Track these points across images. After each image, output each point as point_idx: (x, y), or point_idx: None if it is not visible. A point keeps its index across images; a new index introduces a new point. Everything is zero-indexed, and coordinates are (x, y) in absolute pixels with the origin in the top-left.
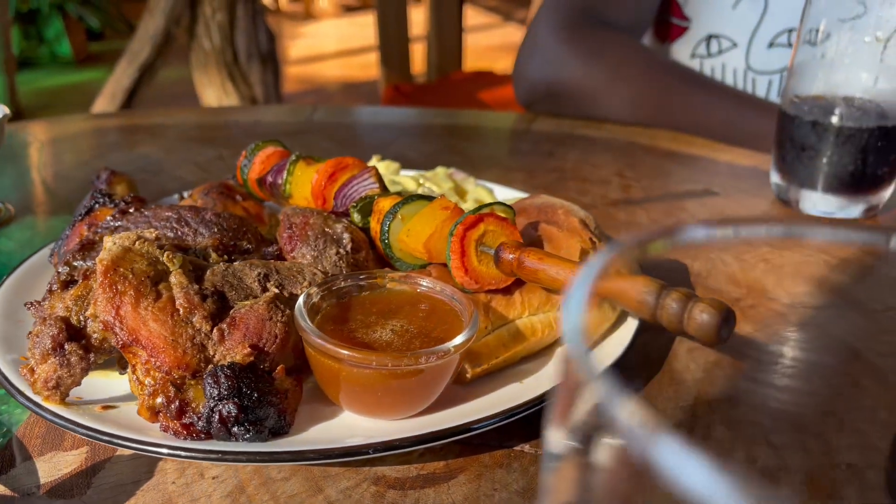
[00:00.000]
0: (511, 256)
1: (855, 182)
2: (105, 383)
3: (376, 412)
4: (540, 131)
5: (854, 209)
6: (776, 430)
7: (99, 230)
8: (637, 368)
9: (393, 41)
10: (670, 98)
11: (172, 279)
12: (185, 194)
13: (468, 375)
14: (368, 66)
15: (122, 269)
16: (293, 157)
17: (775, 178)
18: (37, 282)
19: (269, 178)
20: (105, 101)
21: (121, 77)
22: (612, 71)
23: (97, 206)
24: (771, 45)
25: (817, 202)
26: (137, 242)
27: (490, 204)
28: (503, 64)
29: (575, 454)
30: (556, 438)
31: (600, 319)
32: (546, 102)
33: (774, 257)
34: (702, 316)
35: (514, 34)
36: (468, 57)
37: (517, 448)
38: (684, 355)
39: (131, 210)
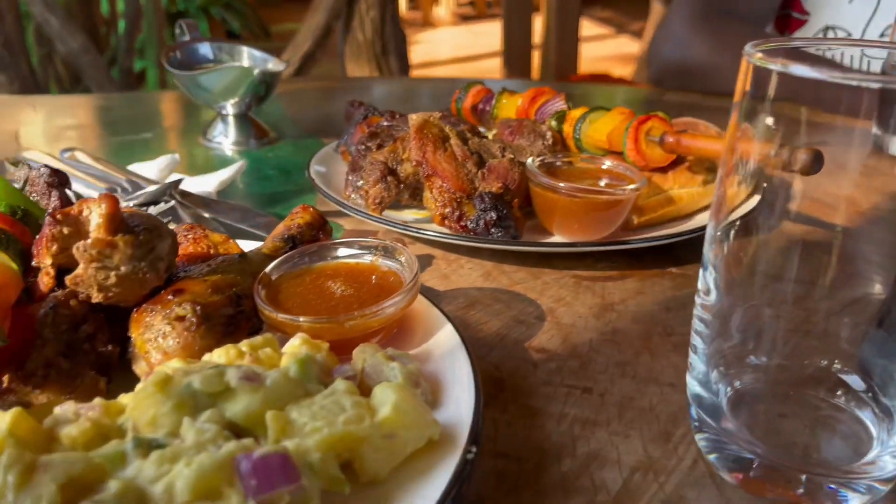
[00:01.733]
0: (672, 139)
1: None
2: (397, 214)
3: (578, 234)
4: (669, 101)
5: None
6: None
7: (378, 127)
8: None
9: (516, 46)
10: None
11: (452, 140)
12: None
13: (635, 222)
14: (483, 73)
15: (425, 130)
16: (500, 90)
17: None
18: (328, 164)
19: (480, 106)
20: None
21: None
22: (735, 53)
23: (370, 114)
24: (882, 35)
25: None
26: (431, 118)
27: (655, 111)
28: (616, 73)
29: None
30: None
31: (706, 193)
32: (676, 79)
33: None
34: (802, 157)
35: (626, 45)
36: (582, 66)
37: (668, 269)
38: None
39: (396, 116)
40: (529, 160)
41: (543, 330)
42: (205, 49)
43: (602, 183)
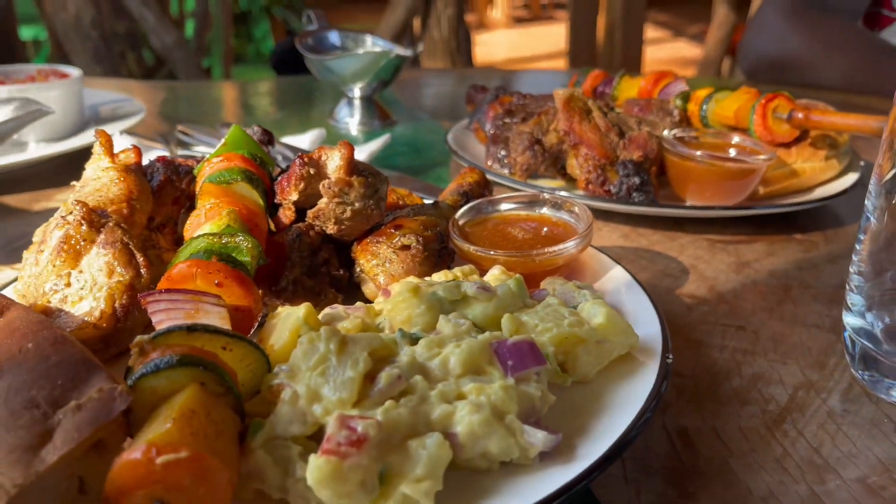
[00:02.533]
0: (801, 115)
1: None
2: (538, 184)
3: (711, 200)
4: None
5: None
6: None
7: (511, 105)
8: None
9: (582, 47)
10: (881, 70)
11: (594, 113)
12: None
13: (760, 192)
14: None
15: (571, 104)
16: (620, 73)
17: None
18: (460, 140)
19: (600, 88)
20: None
21: None
22: (829, 46)
23: (500, 94)
24: None
25: None
26: (575, 92)
27: (781, 90)
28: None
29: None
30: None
31: (827, 168)
32: (769, 71)
33: None
34: None
35: (684, 49)
36: (645, 68)
37: (793, 236)
38: None
39: (526, 96)
40: (665, 132)
41: (689, 281)
42: (333, 37)
43: (732, 154)
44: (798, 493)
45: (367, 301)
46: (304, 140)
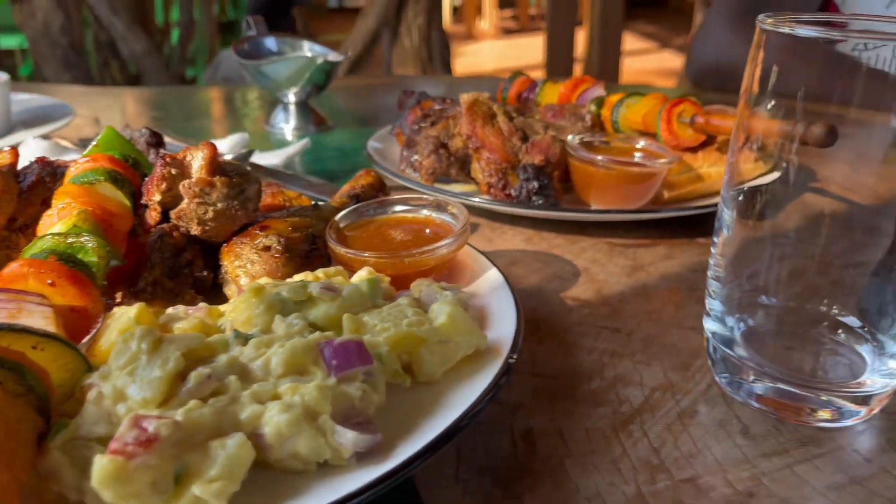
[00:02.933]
0: (702, 119)
1: None
2: (446, 188)
3: (613, 204)
4: (707, 100)
5: None
6: None
7: (430, 110)
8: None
9: (559, 58)
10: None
11: (499, 117)
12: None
13: (665, 197)
14: None
15: (475, 108)
16: (543, 80)
17: None
18: (384, 144)
19: (525, 94)
20: None
21: None
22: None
23: (423, 99)
24: None
25: None
26: (480, 96)
27: (688, 95)
28: (660, 84)
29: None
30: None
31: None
32: (714, 79)
33: None
34: (816, 130)
35: (669, 60)
36: (623, 79)
37: (696, 239)
38: None
39: (447, 101)
40: (570, 137)
41: (578, 284)
42: (269, 42)
43: (636, 158)
44: (625, 493)
45: None
46: (223, 144)
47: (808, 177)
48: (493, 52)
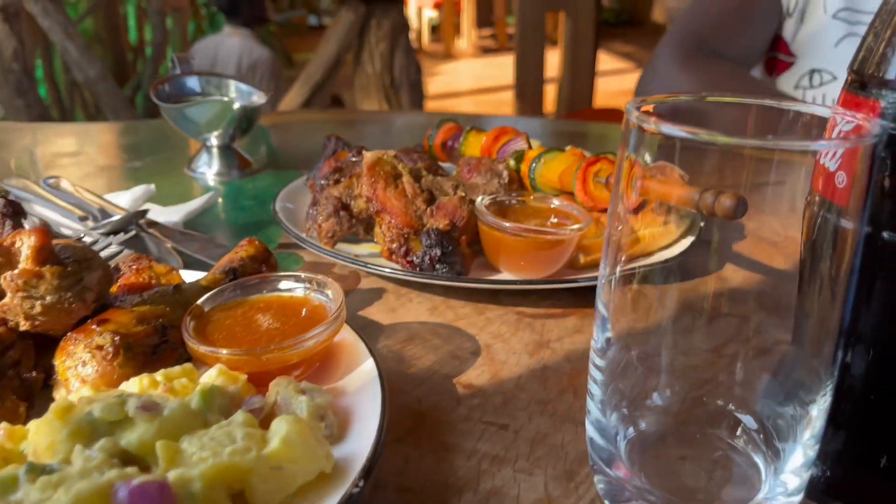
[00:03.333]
0: None
1: None
2: (353, 248)
3: (523, 271)
4: None
5: None
6: None
7: (343, 163)
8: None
9: (529, 80)
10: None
11: (404, 178)
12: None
13: (581, 261)
14: (501, 105)
15: (377, 168)
16: (467, 129)
17: None
18: (297, 196)
19: (449, 143)
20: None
21: (295, 95)
22: (721, 93)
23: (339, 149)
24: None
25: None
26: (385, 155)
27: (605, 152)
28: None
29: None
30: None
31: (667, 232)
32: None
33: None
34: (726, 202)
35: None
36: (598, 99)
37: None
38: None
39: (363, 151)
40: (479, 199)
41: (475, 366)
42: (192, 82)
43: (551, 222)
44: None
45: None
46: (123, 198)
47: (705, 252)
48: (471, 71)
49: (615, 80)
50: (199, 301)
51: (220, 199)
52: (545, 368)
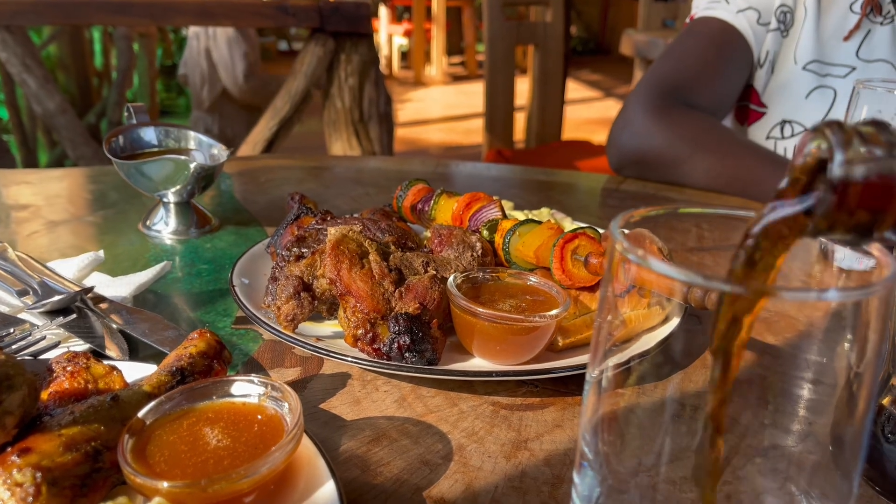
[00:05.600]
0: (597, 261)
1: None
2: (316, 327)
3: (498, 358)
4: (627, 191)
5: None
6: None
7: (307, 230)
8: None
9: (499, 109)
10: (743, 171)
11: (371, 257)
12: (356, 214)
13: (560, 344)
14: (471, 132)
15: (341, 247)
16: (438, 191)
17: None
18: (257, 264)
19: (419, 206)
20: (247, 149)
21: (263, 129)
22: (692, 144)
23: (302, 214)
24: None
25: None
26: (350, 232)
27: (584, 227)
28: (601, 136)
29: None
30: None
31: (651, 315)
32: (634, 168)
33: None
34: (699, 293)
35: (613, 108)
36: (567, 128)
37: None
38: None
39: (328, 218)
40: (451, 278)
41: (447, 474)
42: (149, 134)
43: (527, 300)
44: None
45: None
46: (70, 266)
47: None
48: (441, 98)
49: (583, 108)
50: (141, 413)
51: (176, 260)
52: (523, 476)
